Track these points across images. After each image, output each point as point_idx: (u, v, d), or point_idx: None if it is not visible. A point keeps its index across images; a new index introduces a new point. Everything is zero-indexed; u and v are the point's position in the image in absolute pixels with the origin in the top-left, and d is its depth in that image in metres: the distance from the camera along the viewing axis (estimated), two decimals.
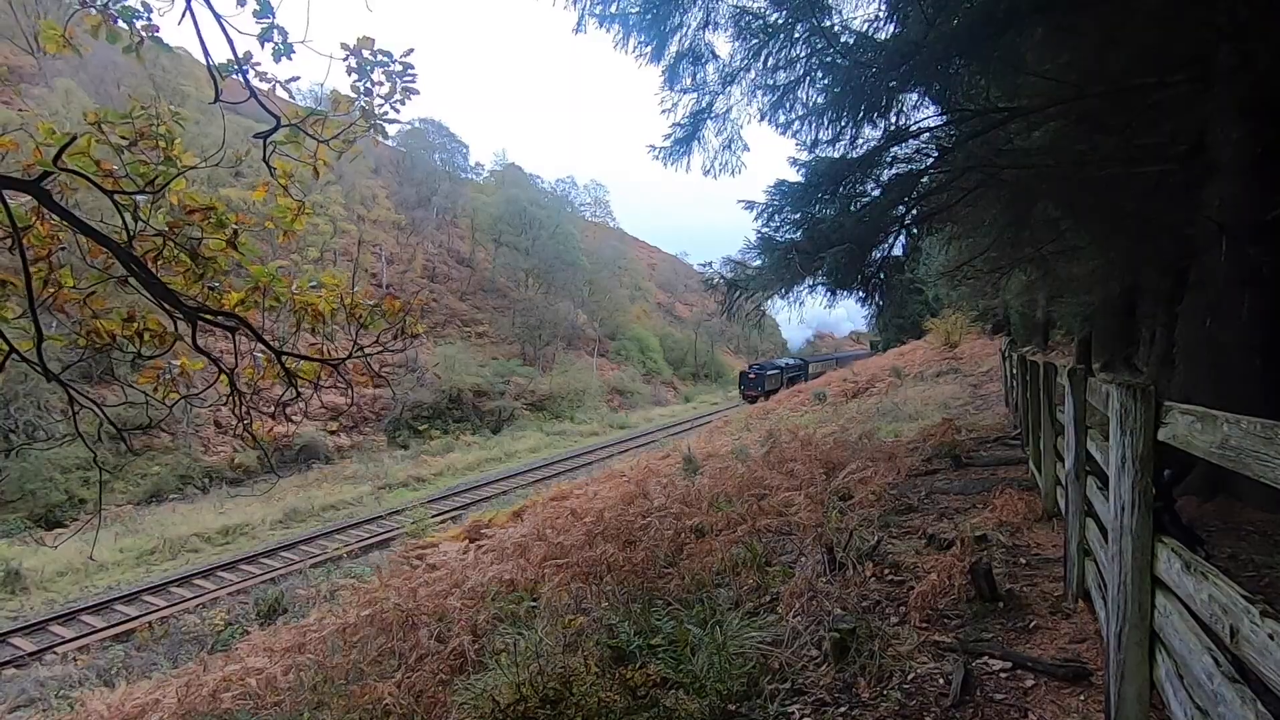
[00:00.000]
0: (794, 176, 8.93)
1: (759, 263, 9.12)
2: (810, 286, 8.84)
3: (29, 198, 3.02)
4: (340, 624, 5.58)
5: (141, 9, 3.07)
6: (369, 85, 3.83)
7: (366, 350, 4.33)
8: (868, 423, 13.86)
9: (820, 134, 7.79)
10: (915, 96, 7.91)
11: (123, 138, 3.41)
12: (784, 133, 8.16)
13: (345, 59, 3.69)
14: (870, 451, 9.29)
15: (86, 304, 3.41)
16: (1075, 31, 6.31)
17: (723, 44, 8.93)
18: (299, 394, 4.17)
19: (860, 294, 9.74)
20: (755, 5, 7.86)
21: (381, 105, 3.90)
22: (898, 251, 9.61)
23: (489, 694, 2.96)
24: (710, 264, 10.19)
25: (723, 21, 8.14)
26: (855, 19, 7.78)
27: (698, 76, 8.64)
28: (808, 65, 7.66)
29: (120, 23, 3.10)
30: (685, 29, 8.23)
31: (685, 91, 8.70)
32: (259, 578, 14.96)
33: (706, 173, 9.16)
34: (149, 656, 11.48)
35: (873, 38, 7.49)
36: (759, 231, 8.86)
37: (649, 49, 8.32)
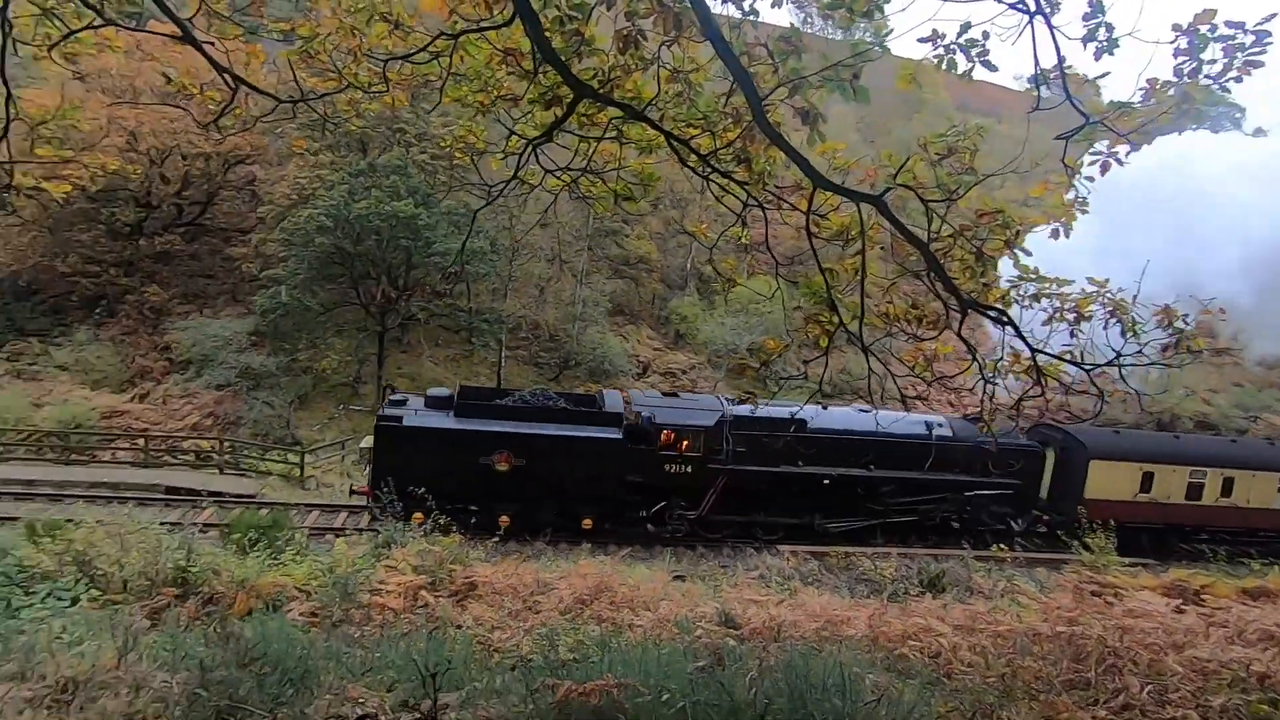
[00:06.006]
0: None
1: None
2: None
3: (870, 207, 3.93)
4: (1029, 629, 5.45)
5: (980, 38, 3.49)
6: (1197, 65, 3.38)
7: (1124, 360, 4.02)
8: None
9: None
10: None
11: (936, 154, 4.03)
12: None
13: (1173, 40, 3.35)
14: None
15: (887, 292, 4.25)
16: None
17: None
18: (1044, 393, 4.18)
19: None
20: None
21: (1209, 84, 3.41)
22: None
23: None
24: None
25: None
26: None
27: None
28: None
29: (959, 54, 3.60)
30: None
31: None
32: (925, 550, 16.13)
33: None
34: (833, 580, 14.04)
35: None
36: None
37: None
